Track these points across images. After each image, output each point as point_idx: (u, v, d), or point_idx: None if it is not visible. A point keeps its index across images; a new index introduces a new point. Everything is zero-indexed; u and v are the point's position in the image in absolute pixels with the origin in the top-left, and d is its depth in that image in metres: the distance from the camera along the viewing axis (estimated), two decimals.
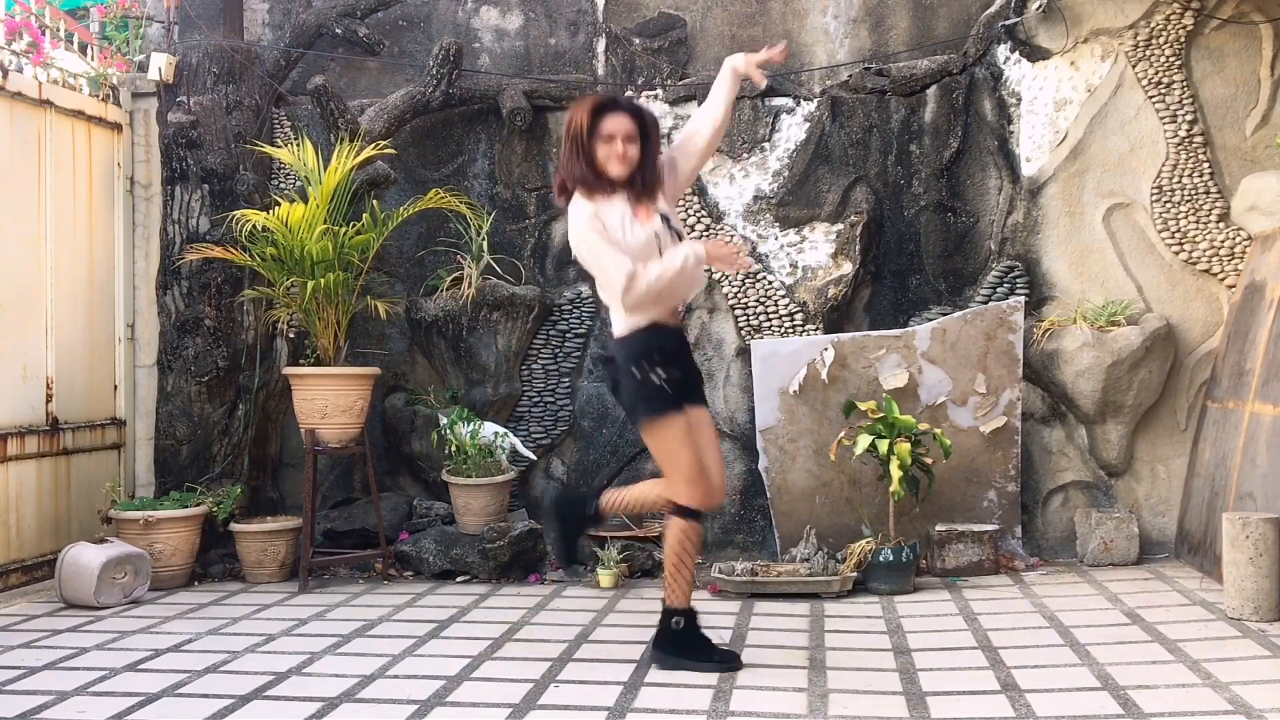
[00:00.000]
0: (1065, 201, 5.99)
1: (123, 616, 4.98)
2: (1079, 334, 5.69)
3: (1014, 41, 6.06)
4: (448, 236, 6.37)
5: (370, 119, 6.18)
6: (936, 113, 6.14)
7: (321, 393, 5.64)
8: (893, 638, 4.39)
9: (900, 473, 5.21)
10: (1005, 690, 3.64)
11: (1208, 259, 5.86)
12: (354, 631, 4.62)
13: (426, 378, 6.46)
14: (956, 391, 5.79)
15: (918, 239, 6.16)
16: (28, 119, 5.52)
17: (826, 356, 5.79)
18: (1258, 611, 4.39)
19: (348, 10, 6.43)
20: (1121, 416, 5.80)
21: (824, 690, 3.68)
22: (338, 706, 3.59)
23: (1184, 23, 5.85)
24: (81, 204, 5.86)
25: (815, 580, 5.17)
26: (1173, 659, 3.92)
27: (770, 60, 4.13)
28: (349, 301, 5.85)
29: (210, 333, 6.00)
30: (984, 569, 5.50)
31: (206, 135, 6.16)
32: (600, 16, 6.52)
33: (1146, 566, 5.57)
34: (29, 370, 5.50)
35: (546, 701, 3.61)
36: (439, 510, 6.09)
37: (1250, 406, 5.14)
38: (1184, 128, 5.87)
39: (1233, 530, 4.47)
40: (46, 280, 5.62)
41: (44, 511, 5.54)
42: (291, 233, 5.64)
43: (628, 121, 3.86)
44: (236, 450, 6.12)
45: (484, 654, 4.22)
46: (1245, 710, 3.33)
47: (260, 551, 5.71)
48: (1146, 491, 5.91)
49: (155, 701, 3.68)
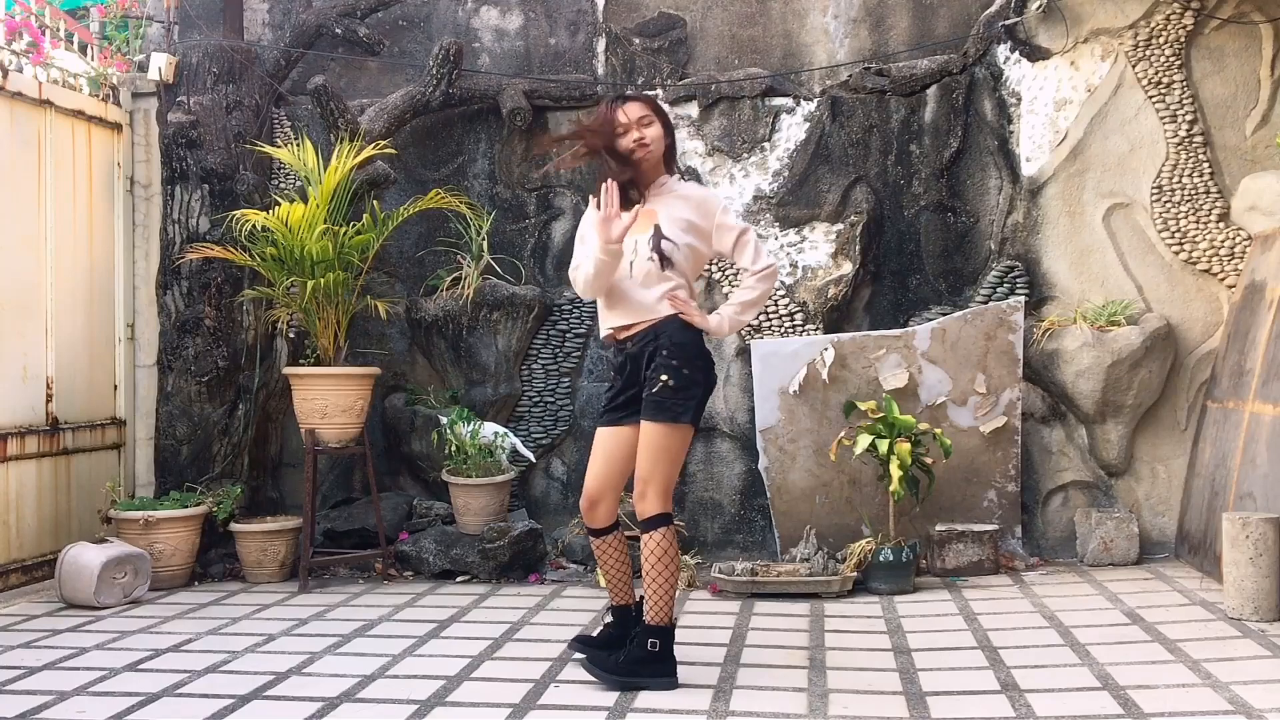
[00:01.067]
0: (1065, 201, 5.99)
1: (123, 616, 4.98)
2: (1079, 334, 5.69)
3: (1014, 41, 6.06)
4: (448, 236, 6.37)
5: (370, 119, 6.18)
6: (936, 113, 6.14)
7: (321, 393, 5.64)
8: (893, 638, 4.39)
9: (900, 473, 5.21)
10: (1005, 690, 3.64)
11: (1208, 259, 5.86)
12: (354, 631, 4.62)
13: (426, 378, 6.46)
14: (956, 391, 5.79)
15: (918, 239, 6.16)
16: (28, 119, 5.52)
17: (826, 356, 5.79)
18: (1258, 611, 4.39)
19: (348, 10, 6.43)
20: (1121, 416, 5.80)
21: (824, 690, 3.68)
22: (338, 706, 3.59)
23: (1184, 23, 5.85)
24: (81, 204, 5.86)
25: (815, 580, 5.17)
26: (1173, 659, 3.92)
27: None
28: (349, 301, 5.85)
29: (210, 333, 6.00)
30: (984, 569, 5.50)
31: (206, 135, 6.16)
32: (600, 16, 6.52)
33: (1146, 566, 5.57)
34: (29, 370, 5.50)
35: (546, 701, 3.61)
36: (439, 510, 6.09)
37: (1250, 406, 5.14)
38: (1184, 128, 5.87)
39: (1233, 530, 4.47)
40: (46, 280, 5.62)
41: (44, 511, 5.54)
42: (291, 233, 5.64)
43: (637, 107, 3.85)
44: (236, 450, 6.12)
45: (484, 654, 4.22)
46: (1245, 710, 3.33)
47: (260, 551, 5.71)
48: (1146, 491, 5.91)
49: (155, 701, 3.68)
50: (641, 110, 3.84)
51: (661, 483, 3.74)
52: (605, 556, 4.01)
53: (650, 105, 3.88)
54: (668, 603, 3.77)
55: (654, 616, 3.77)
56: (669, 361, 3.72)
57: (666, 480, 3.76)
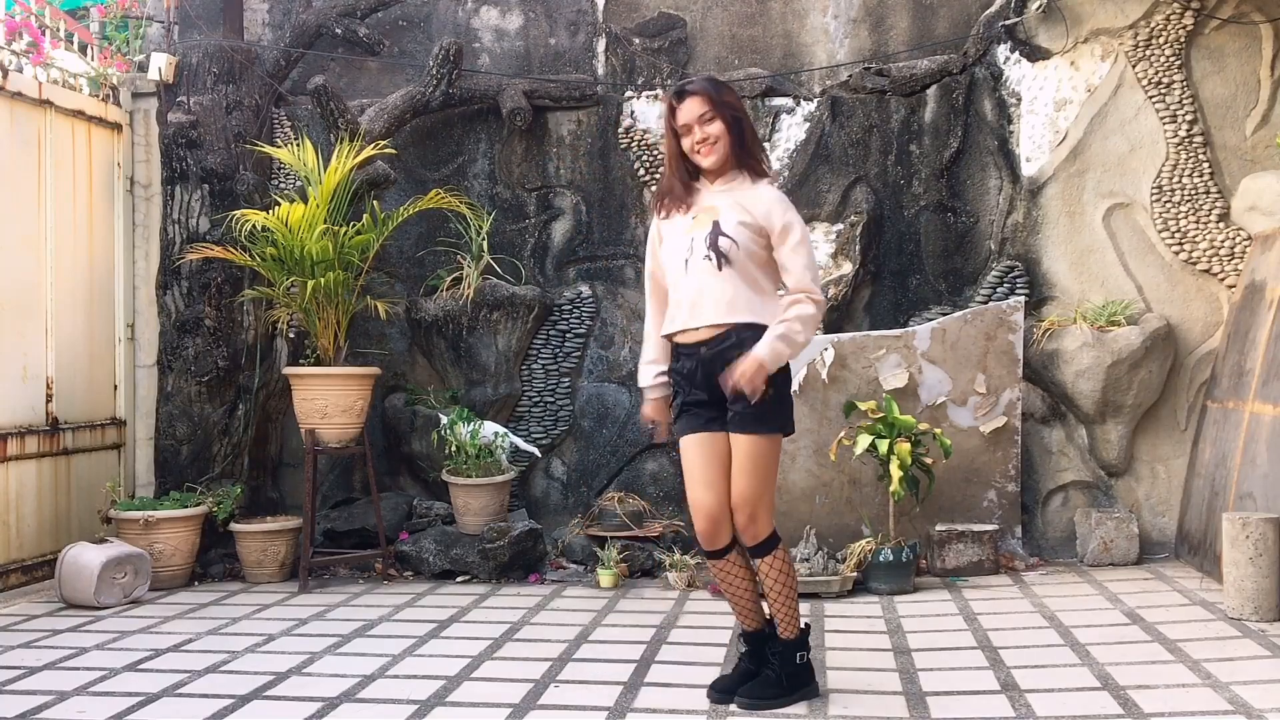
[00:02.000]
0: (1065, 201, 5.99)
1: (123, 616, 4.97)
2: (1079, 334, 5.69)
3: (1014, 41, 6.06)
4: (448, 236, 6.37)
5: (370, 119, 6.18)
6: (936, 113, 6.14)
7: (321, 393, 5.64)
8: (893, 638, 4.39)
9: (900, 473, 5.21)
10: (1005, 690, 3.64)
11: (1208, 259, 5.86)
12: (354, 631, 4.62)
13: (426, 378, 6.46)
14: (956, 391, 5.79)
15: (918, 239, 6.16)
16: (28, 119, 5.52)
17: (826, 356, 5.79)
18: (1258, 611, 4.39)
19: (348, 10, 6.43)
20: (1121, 416, 5.80)
21: (824, 690, 3.68)
22: (338, 706, 3.59)
23: (1184, 23, 5.85)
24: (81, 204, 5.86)
25: (815, 580, 5.17)
26: (1173, 659, 3.92)
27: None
28: (349, 301, 5.85)
29: (210, 333, 6.00)
30: (984, 569, 5.50)
31: (206, 135, 6.16)
32: (600, 16, 6.52)
33: (1146, 566, 5.56)
34: (29, 370, 5.50)
35: (546, 701, 3.61)
36: (439, 510, 6.09)
37: (1250, 406, 5.14)
38: (1184, 128, 5.87)
39: (1233, 530, 4.47)
40: (46, 280, 5.62)
41: (44, 511, 5.54)
42: (291, 233, 5.64)
43: (697, 104, 3.51)
44: (236, 450, 6.12)
45: (484, 654, 4.22)
46: (1245, 710, 3.33)
47: (260, 551, 5.71)
48: (1146, 491, 5.91)
49: (155, 701, 3.68)
50: (701, 106, 3.51)
51: (769, 501, 3.51)
52: (731, 578, 3.59)
53: (709, 100, 3.51)
54: (797, 614, 3.60)
55: (790, 631, 3.59)
56: None
57: (772, 497, 3.53)
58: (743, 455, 3.46)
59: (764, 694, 3.53)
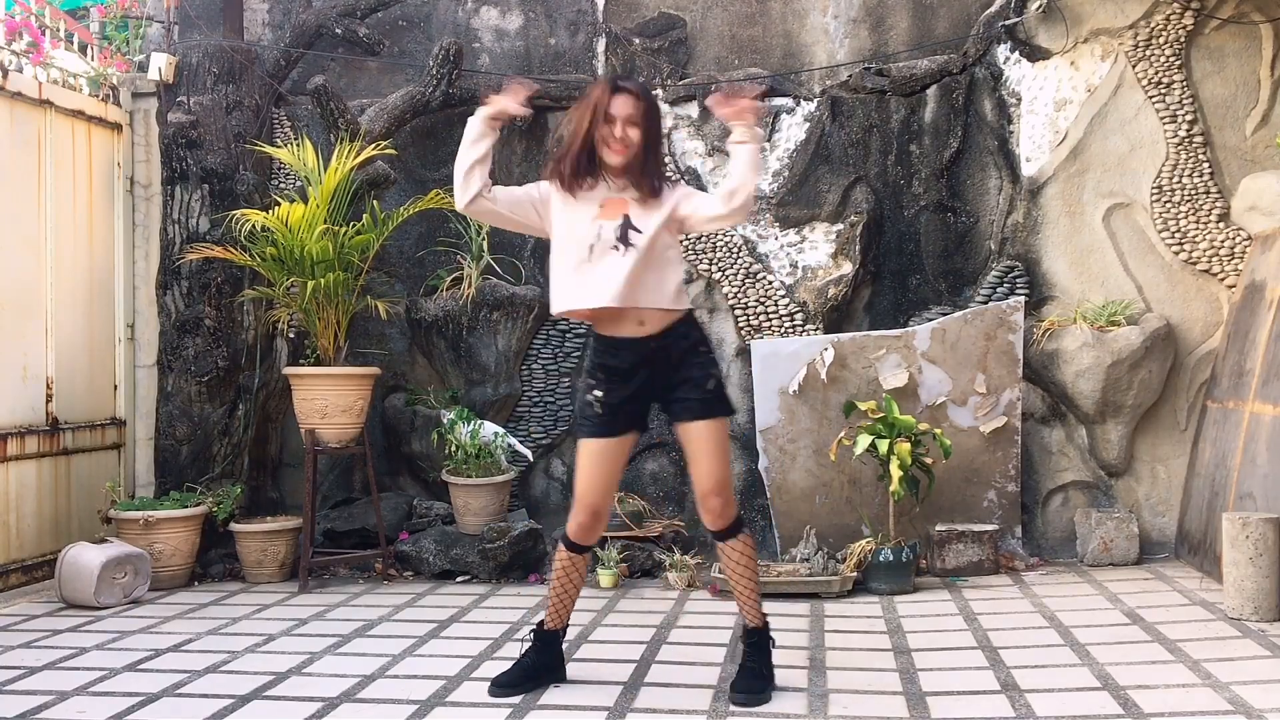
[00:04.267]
0: (1065, 201, 5.99)
1: (123, 616, 4.97)
2: (1079, 334, 5.69)
3: (1014, 41, 6.06)
4: (448, 236, 6.37)
5: (370, 119, 6.18)
6: (936, 113, 6.14)
7: (321, 393, 5.64)
8: (893, 638, 4.39)
9: (900, 473, 5.21)
10: (1005, 690, 3.64)
11: (1208, 259, 5.86)
12: (354, 631, 4.62)
13: (426, 378, 6.46)
14: (956, 391, 5.79)
15: (918, 239, 6.16)
16: (28, 119, 5.52)
17: (826, 356, 5.79)
18: (1258, 611, 4.39)
19: (348, 10, 6.42)
20: (1121, 416, 5.80)
21: (824, 690, 3.68)
22: (338, 706, 3.59)
23: (1184, 23, 5.85)
24: (81, 204, 5.86)
25: (815, 580, 5.17)
26: (1173, 659, 3.92)
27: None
28: (349, 301, 5.85)
29: (210, 333, 6.00)
30: (984, 569, 5.50)
31: (206, 135, 6.16)
32: (600, 16, 6.52)
33: (1146, 566, 5.57)
34: (29, 370, 5.50)
35: (546, 701, 3.61)
36: (439, 510, 6.09)
37: (1250, 406, 5.14)
38: (1184, 128, 5.87)
39: (1233, 530, 4.47)
40: (46, 280, 5.62)
41: (44, 511, 5.54)
42: (291, 233, 5.64)
43: (634, 105, 3.55)
44: (236, 450, 6.12)
45: (484, 654, 4.22)
46: (1245, 710, 3.33)
47: (260, 551, 5.71)
48: (1146, 491, 5.91)
49: (155, 701, 3.68)
50: (636, 112, 3.55)
51: (731, 482, 3.66)
52: (573, 575, 3.76)
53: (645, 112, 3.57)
54: (760, 601, 3.73)
55: (757, 619, 3.72)
56: (709, 356, 3.67)
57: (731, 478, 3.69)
58: (709, 440, 3.58)
59: (753, 687, 3.59)
